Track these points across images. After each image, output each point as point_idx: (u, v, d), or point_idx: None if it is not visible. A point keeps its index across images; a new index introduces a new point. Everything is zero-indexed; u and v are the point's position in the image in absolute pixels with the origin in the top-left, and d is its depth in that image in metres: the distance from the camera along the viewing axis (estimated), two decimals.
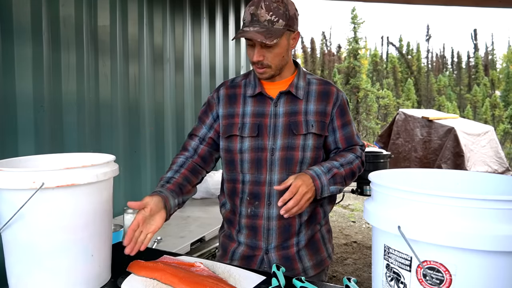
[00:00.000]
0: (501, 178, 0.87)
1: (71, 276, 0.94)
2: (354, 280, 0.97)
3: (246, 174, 1.28)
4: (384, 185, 0.75)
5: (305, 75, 1.34)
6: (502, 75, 35.74)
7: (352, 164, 1.27)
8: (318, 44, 43.80)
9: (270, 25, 1.16)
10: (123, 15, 2.59)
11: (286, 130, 1.25)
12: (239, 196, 1.30)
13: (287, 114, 1.26)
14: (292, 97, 1.28)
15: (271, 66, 1.23)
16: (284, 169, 1.25)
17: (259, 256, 1.28)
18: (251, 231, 1.28)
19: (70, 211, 0.92)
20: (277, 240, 1.26)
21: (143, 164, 2.76)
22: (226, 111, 1.32)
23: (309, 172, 1.18)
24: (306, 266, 1.29)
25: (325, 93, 1.30)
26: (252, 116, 1.28)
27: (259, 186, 1.26)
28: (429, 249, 0.67)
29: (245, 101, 1.31)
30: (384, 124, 23.94)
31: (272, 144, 1.25)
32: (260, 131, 1.26)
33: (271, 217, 1.25)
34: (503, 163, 8.05)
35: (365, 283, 3.29)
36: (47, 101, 2.03)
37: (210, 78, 3.61)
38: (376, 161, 3.58)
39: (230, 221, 1.35)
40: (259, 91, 1.28)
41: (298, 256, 1.28)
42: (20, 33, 1.89)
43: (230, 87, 1.35)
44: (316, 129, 1.26)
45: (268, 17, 1.16)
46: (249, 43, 1.22)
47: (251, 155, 1.26)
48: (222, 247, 1.38)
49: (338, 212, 6.23)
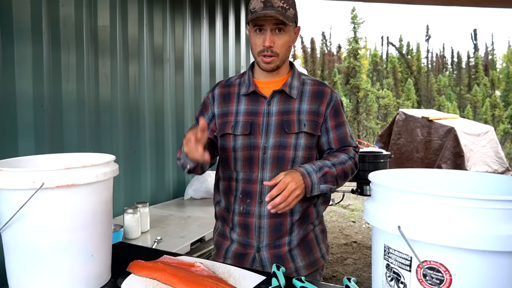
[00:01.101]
0: (501, 178, 0.87)
1: (71, 276, 0.94)
2: (354, 280, 0.97)
3: (240, 172, 1.29)
4: (384, 185, 0.75)
5: (300, 75, 1.36)
6: (502, 75, 35.77)
7: (344, 164, 1.27)
8: (318, 44, 43.83)
9: (283, 11, 1.18)
10: (123, 15, 2.59)
11: (279, 129, 1.26)
12: (233, 194, 1.31)
13: (280, 113, 1.27)
14: (285, 96, 1.29)
15: (279, 55, 1.24)
16: (276, 167, 1.26)
17: (251, 254, 1.28)
18: (243, 229, 1.29)
19: (70, 211, 0.92)
20: (268, 238, 1.26)
21: (143, 164, 2.76)
22: (220, 110, 1.34)
23: (300, 170, 1.18)
24: (299, 266, 1.29)
25: (319, 93, 1.31)
26: (245, 114, 1.29)
27: (251, 184, 1.27)
28: (429, 249, 0.67)
29: (239, 99, 1.32)
30: (384, 124, 23.95)
31: (264, 142, 1.26)
32: (252, 129, 1.27)
33: (263, 215, 1.26)
34: (503, 163, 8.05)
35: (365, 283, 3.29)
36: (47, 101, 2.03)
37: (210, 78, 3.61)
38: (376, 161, 3.58)
39: (224, 218, 1.36)
40: (253, 89, 1.30)
41: (290, 255, 1.28)
42: (20, 33, 1.89)
43: (225, 86, 1.37)
44: (308, 128, 1.27)
45: (281, 4, 1.18)
46: (258, 31, 1.22)
47: (244, 153, 1.28)
48: (216, 246, 1.40)
49: (338, 212, 6.23)
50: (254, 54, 1.27)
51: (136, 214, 2.03)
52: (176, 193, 3.11)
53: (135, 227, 2.03)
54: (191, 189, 2.98)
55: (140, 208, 2.10)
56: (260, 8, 1.18)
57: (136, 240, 2.02)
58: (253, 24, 1.22)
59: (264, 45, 1.22)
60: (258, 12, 1.17)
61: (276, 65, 1.26)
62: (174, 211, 2.62)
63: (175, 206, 2.80)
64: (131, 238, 2.01)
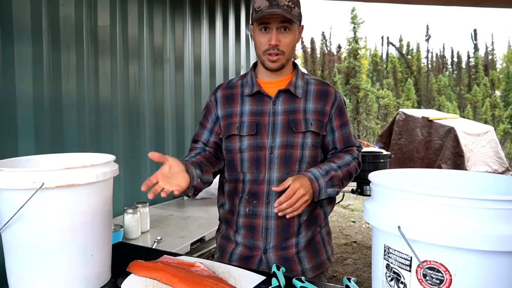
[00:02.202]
0: (501, 178, 0.87)
1: (71, 276, 0.94)
2: (354, 280, 0.97)
3: (246, 174, 1.27)
4: (384, 185, 0.75)
5: (303, 75, 1.36)
6: (502, 75, 35.76)
7: (349, 165, 1.28)
8: (318, 44, 43.80)
9: (289, 10, 1.18)
10: (123, 15, 2.59)
11: (285, 128, 1.25)
12: (239, 196, 1.29)
13: (286, 112, 1.26)
14: (290, 95, 1.29)
15: (285, 53, 1.24)
16: (283, 167, 1.25)
17: (258, 257, 1.27)
18: (249, 231, 1.27)
19: (70, 211, 0.92)
20: (275, 239, 1.25)
21: (143, 164, 2.76)
22: (224, 112, 1.32)
23: (308, 175, 1.18)
24: (306, 268, 1.28)
25: (324, 93, 1.31)
26: (250, 114, 1.28)
27: (258, 185, 1.26)
28: (429, 249, 0.67)
29: (243, 100, 1.31)
30: (384, 124, 23.95)
31: (271, 142, 1.25)
32: (258, 130, 1.26)
33: (270, 216, 1.25)
34: (503, 163, 8.05)
35: (365, 283, 3.29)
36: (47, 101, 2.03)
37: (210, 78, 3.61)
38: (376, 161, 3.58)
39: (228, 221, 1.34)
40: (257, 89, 1.29)
41: (298, 257, 1.27)
42: (20, 33, 1.89)
43: (227, 88, 1.36)
44: (315, 128, 1.26)
45: (286, 3, 1.18)
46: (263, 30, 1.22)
47: (250, 153, 1.26)
48: (220, 249, 1.37)
49: (338, 212, 6.23)
50: (259, 53, 1.26)
51: (136, 214, 2.04)
52: None
53: (135, 227, 2.03)
54: None
55: (140, 208, 2.10)
56: (265, 6, 1.17)
57: (136, 240, 2.02)
58: (259, 23, 1.21)
59: (270, 44, 1.21)
60: (264, 11, 1.17)
61: (281, 64, 1.26)
62: (174, 211, 2.62)
63: (175, 206, 2.80)
64: (131, 238, 2.01)
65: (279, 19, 1.19)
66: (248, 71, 1.37)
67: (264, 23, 1.20)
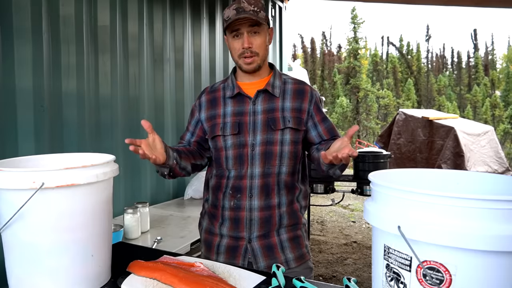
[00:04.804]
0: (501, 178, 0.87)
1: (71, 276, 0.94)
2: (354, 280, 0.97)
3: (231, 170, 1.36)
4: (384, 185, 0.76)
5: (281, 75, 1.44)
6: (502, 75, 35.76)
7: None
8: (318, 44, 43.74)
9: (255, 14, 1.29)
10: (123, 14, 2.59)
11: (265, 126, 1.34)
12: (222, 190, 1.38)
13: (265, 111, 1.35)
14: (269, 95, 1.37)
15: (259, 54, 1.33)
16: (264, 163, 1.34)
17: (243, 246, 1.35)
18: (234, 223, 1.36)
19: (70, 211, 0.92)
20: (259, 230, 1.34)
21: (143, 164, 2.76)
22: (208, 114, 1.42)
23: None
24: (288, 257, 1.36)
25: (300, 92, 1.40)
26: (232, 115, 1.37)
27: (241, 180, 1.35)
28: (429, 249, 0.67)
29: (225, 102, 1.40)
30: (384, 124, 23.94)
31: (252, 140, 1.34)
32: (240, 129, 1.35)
33: (253, 208, 1.34)
34: (503, 163, 8.05)
35: (365, 283, 3.29)
36: (47, 101, 2.03)
37: (210, 77, 3.61)
38: (376, 161, 3.58)
39: (213, 215, 1.42)
40: (237, 91, 1.38)
41: (281, 246, 1.36)
42: (20, 33, 1.89)
43: (210, 92, 1.46)
44: (293, 124, 1.35)
45: (252, 8, 1.28)
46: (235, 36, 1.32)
47: (234, 151, 1.36)
48: (205, 243, 1.45)
49: (338, 212, 6.23)
50: (235, 58, 1.36)
51: (136, 214, 2.04)
52: (176, 193, 3.11)
53: (135, 227, 2.03)
54: (191, 189, 2.98)
55: (140, 208, 2.10)
56: (233, 15, 1.28)
57: (136, 240, 2.02)
58: (230, 30, 1.32)
59: (244, 47, 1.31)
60: (233, 18, 1.27)
61: (257, 64, 1.35)
62: (174, 211, 2.63)
63: (175, 206, 2.80)
64: (131, 238, 2.01)
65: (248, 23, 1.29)
66: (229, 75, 1.46)
67: (235, 30, 1.31)
